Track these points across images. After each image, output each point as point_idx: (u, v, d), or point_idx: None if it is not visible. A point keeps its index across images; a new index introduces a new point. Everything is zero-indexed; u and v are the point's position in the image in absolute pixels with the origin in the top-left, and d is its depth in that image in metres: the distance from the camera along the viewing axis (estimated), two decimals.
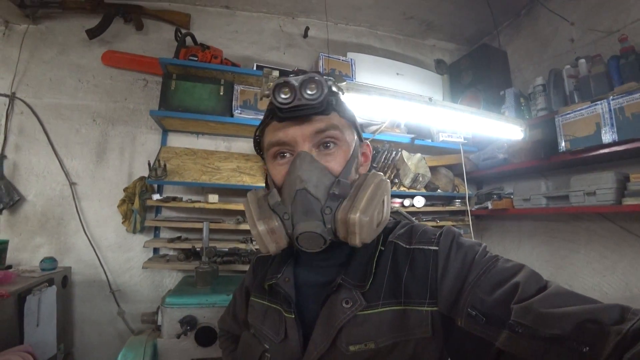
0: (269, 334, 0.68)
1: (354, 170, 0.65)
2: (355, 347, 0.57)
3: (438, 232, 0.64)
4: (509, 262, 0.57)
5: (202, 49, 2.11)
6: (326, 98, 0.58)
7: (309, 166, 0.58)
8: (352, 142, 0.65)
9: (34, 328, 1.54)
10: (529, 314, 0.45)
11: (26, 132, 2.09)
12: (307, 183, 0.57)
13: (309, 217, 0.58)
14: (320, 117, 0.61)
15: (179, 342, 1.44)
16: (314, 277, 0.68)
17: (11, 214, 2.01)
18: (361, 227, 0.55)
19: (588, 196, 1.74)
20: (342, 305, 0.59)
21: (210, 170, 2.09)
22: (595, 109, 1.67)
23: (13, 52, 2.10)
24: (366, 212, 0.55)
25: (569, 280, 2.05)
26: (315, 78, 0.57)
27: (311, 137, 0.60)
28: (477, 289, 0.53)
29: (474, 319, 0.51)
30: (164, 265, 1.90)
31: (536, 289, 0.49)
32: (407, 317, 0.58)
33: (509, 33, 2.65)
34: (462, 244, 0.60)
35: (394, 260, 0.63)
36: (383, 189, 0.60)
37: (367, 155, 0.73)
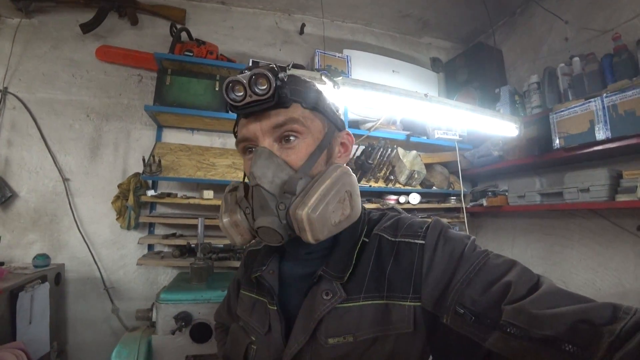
0: (256, 326, 0.68)
1: (322, 162, 0.62)
2: (334, 340, 0.57)
3: (425, 224, 0.62)
4: (499, 258, 0.55)
5: (197, 44, 2.10)
6: (279, 91, 0.57)
7: (264, 162, 0.57)
8: (319, 132, 0.63)
9: (27, 325, 1.52)
10: (521, 315, 0.45)
11: (18, 127, 2.06)
12: (260, 179, 0.56)
13: (265, 212, 0.58)
14: (279, 110, 0.59)
15: (173, 339, 1.44)
16: (298, 269, 0.68)
17: (3, 210, 1.98)
18: (310, 223, 0.54)
19: (582, 193, 1.75)
20: (322, 297, 0.59)
21: (206, 166, 2.08)
22: (589, 106, 1.68)
23: (5, 46, 2.07)
24: (315, 209, 0.54)
25: (563, 277, 2.08)
26: (263, 73, 0.55)
27: (270, 131, 0.59)
28: (466, 287, 0.51)
29: (461, 318, 0.50)
30: (159, 261, 1.89)
31: (528, 287, 0.48)
32: (389, 311, 0.56)
33: (504, 31, 2.66)
34: (450, 238, 0.58)
35: (378, 253, 0.62)
36: (343, 183, 0.58)
37: (347, 145, 0.70)
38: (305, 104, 0.61)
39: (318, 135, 0.62)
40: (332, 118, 0.66)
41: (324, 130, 0.63)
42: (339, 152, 0.69)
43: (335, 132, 0.67)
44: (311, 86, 0.65)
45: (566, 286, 2.07)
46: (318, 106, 0.63)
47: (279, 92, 0.57)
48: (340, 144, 0.69)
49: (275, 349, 0.63)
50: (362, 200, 2.26)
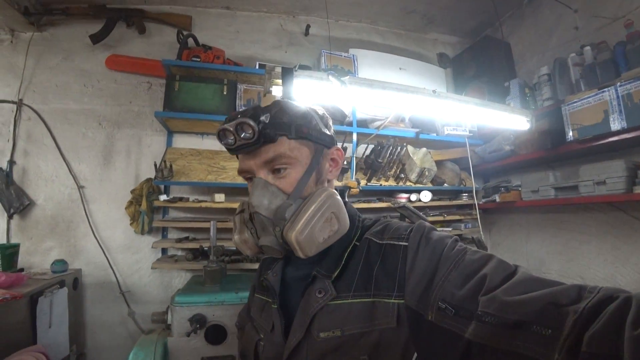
0: (264, 325, 0.76)
1: (312, 183, 0.70)
2: (325, 334, 0.63)
3: (409, 228, 0.67)
4: (476, 254, 0.58)
5: (204, 49, 2.12)
6: (263, 132, 0.64)
7: (260, 191, 0.66)
8: (307, 158, 0.70)
9: (47, 329, 1.56)
10: (494, 303, 0.48)
11: (34, 137, 2.12)
12: (258, 207, 0.66)
13: (265, 233, 0.68)
14: (268, 146, 0.67)
15: (189, 341, 1.45)
16: (298, 272, 0.75)
17: (22, 218, 2.04)
18: (298, 243, 0.62)
19: (598, 186, 1.71)
20: (316, 295, 0.66)
21: (216, 170, 2.10)
22: (602, 96, 1.64)
23: (19, 59, 2.14)
24: (302, 232, 0.62)
25: (581, 273, 2.03)
26: (246, 122, 0.63)
27: (263, 165, 0.68)
28: (446, 283, 0.55)
29: (443, 312, 0.53)
30: (173, 265, 1.91)
31: (502, 277, 0.51)
32: (375, 308, 0.62)
33: (512, 24, 2.62)
34: (431, 239, 0.63)
35: (367, 255, 0.68)
36: (328, 205, 0.65)
37: (337, 160, 0.77)
38: (290, 136, 0.67)
39: (306, 161, 0.69)
40: (319, 139, 0.72)
41: (312, 154, 0.71)
42: (330, 167, 0.76)
43: (324, 150, 0.74)
44: (298, 114, 0.70)
45: (584, 282, 2.03)
46: (304, 134, 0.69)
47: (263, 133, 0.64)
48: (330, 159, 0.76)
49: (278, 344, 0.69)
50: (373, 199, 2.26)
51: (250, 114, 0.65)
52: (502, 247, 2.62)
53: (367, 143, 2.24)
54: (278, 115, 0.68)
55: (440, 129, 2.42)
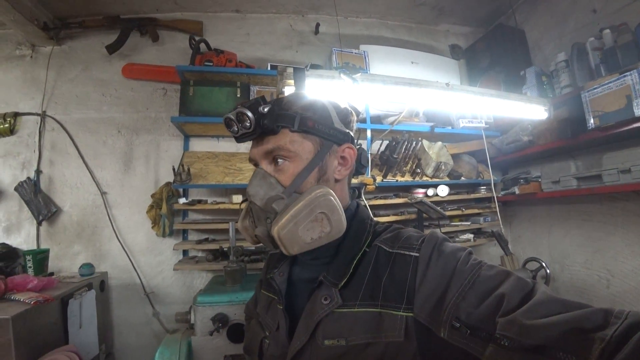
0: (270, 323, 0.75)
1: (313, 179, 0.67)
2: (329, 342, 0.62)
3: (422, 237, 0.65)
4: (492, 269, 0.56)
5: (216, 53, 2.16)
6: (262, 123, 0.64)
7: (258, 182, 0.67)
8: (309, 153, 0.68)
9: (77, 330, 1.63)
10: (513, 326, 0.46)
11: (58, 147, 2.20)
12: (253, 197, 0.66)
13: (259, 223, 0.68)
14: (269, 137, 0.67)
15: (212, 339, 1.48)
16: (305, 273, 0.74)
17: (50, 224, 2.13)
18: (280, 239, 0.61)
19: (622, 174, 1.65)
20: (321, 302, 0.64)
21: (233, 172, 2.13)
22: (624, 80, 1.58)
23: (41, 73, 2.23)
24: (284, 228, 0.61)
25: (607, 265, 1.96)
26: (243, 112, 0.63)
27: (265, 155, 0.68)
28: (461, 301, 0.53)
29: (457, 331, 0.52)
30: (194, 266, 1.96)
31: (521, 297, 0.49)
32: (382, 319, 0.60)
33: (525, 10, 2.55)
34: (443, 251, 0.60)
35: (375, 263, 0.66)
36: (315, 205, 0.63)
37: (347, 158, 0.73)
38: (293, 128, 0.66)
39: (307, 156, 0.67)
40: (328, 135, 0.69)
41: (315, 150, 0.68)
42: (337, 166, 0.72)
43: (333, 147, 0.71)
44: (306, 106, 0.69)
45: (612, 275, 1.97)
46: (308, 127, 0.67)
47: (261, 123, 0.64)
48: (340, 157, 0.72)
49: (282, 344, 0.69)
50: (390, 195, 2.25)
51: (249, 105, 0.65)
52: (523, 239, 2.57)
53: (382, 139, 2.23)
54: (285, 106, 0.68)
55: (456, 121, 2.38)
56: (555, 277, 2.23)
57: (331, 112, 0.72)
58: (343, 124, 0.73)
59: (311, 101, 0.71)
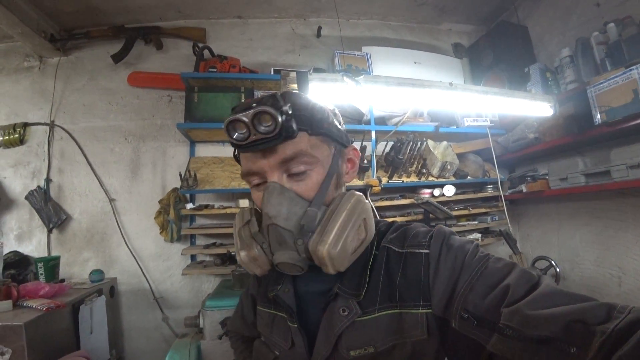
0: (279, 342, 0.69)
1: (332, 187, 0.62)
2: (356, 352, 0.59)
3: (429, 234, 0.63)
4: (499, 262, 0.56)
5: (220, 60, 2.18)
6: (286, 125, 0.54)
7: (277, 199, 0.56)
8: (327, 158, 0.61)
9: (88, 335, 1.65)
10: (516, 316, 0.46)
11: (67, 155, 2.24)
12: (275, 218, 0.56)
13: (283, 247, 0.58)
14: (286, 143, 0.56)
15: (220, 343, 1.50)
16: (314, 286, 0.68)
17: (60, 232, 2.17)
18: (331, 259, 0.55)
19: (632, 169, 1.63)
20: (339, 313, 0.61)
21: (239, 177, 2.15)
22: (631, 74, 1.56)
23: (49, 83, 2.27)
24: (336, 244, 0.54)
25: (618, 262, 1.93)
26: (267, 111, 0.52)
27: (279, 166, 0.58)
28: (469, 293, 0.54)
29: (466, 322, 0.53)
30: (202, 270, 1.97)
31: (526, 289, 0.50)
32: (403, 320, 0.59)
33: (528, 6, 2.53)
34: (452, 246, 0.60)
35: (387, 265, 0.64)
36: (359, 211, 0.58)
37: (353, 160, 0.69)
38: (311, 131, 0.58)
39: (327, 161, 0.61)
40: (337, 137, 0.63)
41: (332, 154, 0.62)
42: (347, 169, 0.69)
43: (342, 150, 0.66)
44: (315, 107, 0.62)
45: (623, 272, 1.94)
46: (324, 129, 0.60)
47: (285, 126, 0.54)
48: (347, 160, 0.68)
49: None
50: (396, 196, 2.24)
51: (270, 102, 0.55)
52: (532, 238, 2.54)
53: (387, 140, 2.23)
54: (298, 107, 0.58)
55: (460, 120, 2.37)
56: (565, 275, 2.20)
57: (329, 112, 0.65)
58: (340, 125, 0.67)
59: (314, 102, 0.63)
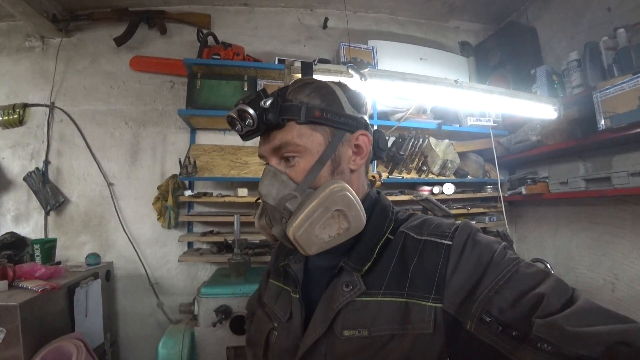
0: (279, 313, 0.71)
1: (326, 172, 0.63)
2: (349, 333, 0.58)
3: (454, 226, 0.61)
4: (531, 268, 0.53)
5: (224, 47, 2.16)
6: (265, 118, 0.60)
7: (269, 180, 0.63)
8: (319, 146, 0.62)
9: (83, 318, 1.66)
10: (554, 331, 0.43)
11: (66, 138, 2.23)
12: (266, 197, 0.63)
13: (275, 223, 0.65)
14: (275, 133, 0.62)
15: (214, 331, 1.50)
16: (322, 261, 0.70)
17: (58, 214, 2.16)
18: (296, 240, 0.57)
19: (633, 177, 1.63)
20: (342, 289, 0.61)
21: (239, 165, 2.14)
22: (638, 81, 1.55)
23: (50, 64, 2.25)
24: (299, 228, 0.57)
25: (613, 268, 1.94)
26: (243, 109, 0.60)
27: (272, 152, 0.64)
28: (494, 295, 0.50)
29: (487, 326, 0.49)
30: (198, 258, 1.97)
31: (562, 302, 0.47)
32: (409, 310, 0.56)
33: (538, 7, 2.50)
34: (479, 242, 0.57)
35: (402, 250, 0.62)
36: (330, 202, 0.58)
37: (362, 146, 0.67)
38: (300, 120, 0.61)
39: (318, 149, 0.62)
40: (339, 123, 0.64)
41: (326, 141, 0.63)
42: (352, 155, 0.67)
43: (346, 135, 0.65)
44: (312, 94, 0.64)
45: (617, 279, 1.94)
46: (316, 117, 0.62)
47: (264, 119, 0.60)
48: (354, 146, 0.67)
49: (294, 336, 0.65)
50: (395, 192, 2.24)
51: (249, 101, 0.61)
52: (529, 240, 2.55)
53: (388, 135, 2.19)
54: (289, 97, 0.63)
55: (464, 119, 2.36)
56: None
57: (340, 97, 0.66)
58: (355, 109, 0.67)
59: (317, 87, 0.65)
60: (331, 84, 0.68)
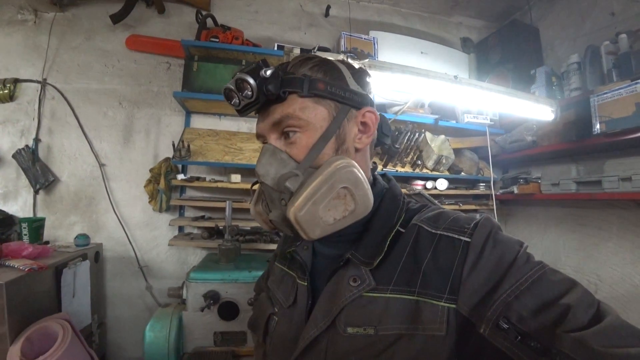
0: (281, 299, 0.69)
1: (330, 149, 0.58)
2: (354, 330, 0.55)
3: (474, 221, 0.56)
4: (557, 275, 0.49)
5: (223, 30, 2.11)
6: (265, 89, 0.55)
7: (268, 159, 0.58)
8: (323, 121, 0.58)
9: (71, 299, 1.65)
10: (582, 349, 0.40)
11: (58, 116, 2.18)
12: (264, 177, 0.58)
13: (273, 206, 0.60)
14: (275, 106, 0.58)
15: (202, 315, 1.51)
16: (328, 249, 0.66)
17: (47, 193, 2.13)
18: (298, 222, 0.53)
19: (623, 182, 1.65)
20: (349, 283, 0.57)
21: (233, 151, 2.12)
22: (635, 88, 1.56)
23: (43, 39, 2.18)
24: (302, 208, 0.52)
25: (597, 270, 1.98)
26: (242, 78, 0.56)
27: (272, 129, 0.60)
28: (514, 301, 0.46)
29: (503, 333, 0.46)
30: (189, 242, 1.97)
31: (589, 316, 0.43)
32: (419, 309, 0.52)
33: (542, 7, 2.49)
34: (500, 241, 0.53)
35: (414, 244, 0.57)
36: (336, 179, 0.53)
37: (369, 124, 0.63)
38: (302, 93, 0.57)
39: (321, 124, 0.58)
40: (344, 98, 0.60)
41: (330, 117, 0.59)
42: (358, 133, 0.62)
43: (351, 111, 0.61)
44: (316, 67, 0.60)
45: (600, 280, 1.98)
46: (320, 90, 0.58)
47: (264, 90, 0.56)
48: (360, 123, 0.62)
49: (297, 325, 0.62)
50: None
51: (249, 70, 0.56)
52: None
53: None
54: (291, 69, 0.59)
55: (461, 116, 2.36)
56: None
57: (344, 72, 0.62)
58: (359, 86, 0.63)
59: (320, 61, 0.61)
60: (334, 60, 0.64)
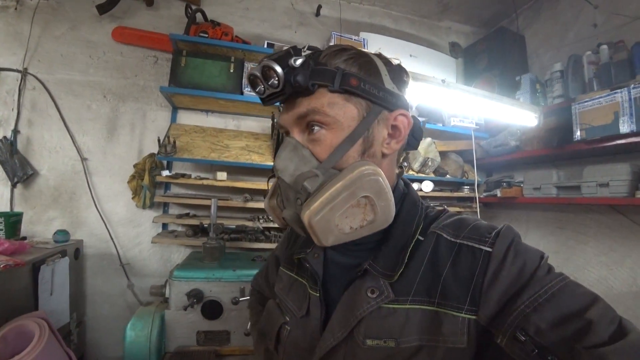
0: (292, 308, 0.66)
1: (355, 152, 0.54)
2: (373, 342, 0.53)
3: (494, 230, 0.54)
4: (578, 288, 0.47)
5: (212, 25, 2.08)
6: (293, 80, 0.51)
7: (288, 154, 0.55)
8: (351, 120, 0.54)
9: (48, 296, 1.60)
10: None
11: (38, 107, 2.11)
12: (281, 172, 0.55)
13: (288, 204, 0.57)
14: (302, 99, 0.54)
15: (185, 314, 1.49)
16: (343, 258, 0.63)
17: (25, 187, 2.06)
18: (311, 227, 0.50)
19: (601, 187, 1.70)
20: (366, 295, 0.55)
21: (220, 148, 2.10)
22: (614, 97, 1.61)
23: (24, 27, 2.10)
24: (317, 213, 0.49)
25: (575, 272, 2.04)
26: (269, 65, 0.51)
27: (296, 122, 0.56)
28: (533, 312, 0.45)
29: (521, 345, 0.45)
30: (173, 240, 1.94)
31: (610, 332, 0.42)
32: (439, 320, 0.51)
33: (529, 16, 2.55)
34: (521, 251, 0.51)
35: (434, 253, 0.55)
36: (358, 187, 0.50)
37: (400, 128, 0.58)
38: (332, 87, 0.53)
39: (350, 123, 0.54)
40: (377, 97, 0.55)
41: (360, 116, 0.55)
42: (387, 137, 0.58)
43: (383, 113, 0.57)
44: (350, 61, 0.55)
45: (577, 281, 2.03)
46: (352, 86, 0.53)
47: (291, 80, 0.51)
48: (390, 127, 0.58)
49: (311, 336, 0.60)
50: None
51: (277, 57, 0.51)
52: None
53: None
54: (322, 60, 0.55)
55: (447, 119, 2.39)
56: None
57: (381, 68, 0.57)
58: (395, 85, 0.58)
59: (356, 54, 0.56)
60: (371, 53, 0.60)
